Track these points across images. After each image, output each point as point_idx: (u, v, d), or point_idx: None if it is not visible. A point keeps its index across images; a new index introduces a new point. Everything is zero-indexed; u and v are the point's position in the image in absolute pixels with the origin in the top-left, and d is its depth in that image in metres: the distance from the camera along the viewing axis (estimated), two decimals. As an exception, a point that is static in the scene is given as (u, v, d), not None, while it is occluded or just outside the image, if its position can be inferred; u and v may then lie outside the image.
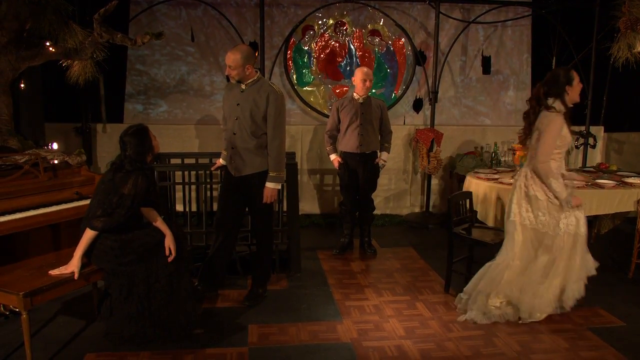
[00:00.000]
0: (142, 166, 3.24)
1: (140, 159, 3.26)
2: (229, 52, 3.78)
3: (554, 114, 3.61)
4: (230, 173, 3.97)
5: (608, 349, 3.40)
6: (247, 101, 3.82)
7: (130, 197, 3.14)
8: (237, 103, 3.84)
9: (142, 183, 3.18)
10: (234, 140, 3.87)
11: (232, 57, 3.74)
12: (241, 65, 3.75)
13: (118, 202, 3.13)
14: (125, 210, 3.14)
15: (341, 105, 5.02)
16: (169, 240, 3.27)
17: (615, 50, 5.53)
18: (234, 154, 3.89)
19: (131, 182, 3.14)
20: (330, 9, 6.32)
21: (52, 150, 4.15)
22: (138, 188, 3.16)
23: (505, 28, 6.69)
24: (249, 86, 3.85)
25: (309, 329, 3.64)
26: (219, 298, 4.12)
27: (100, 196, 3.19)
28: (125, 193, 3.13)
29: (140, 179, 3.17)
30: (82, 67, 4.78)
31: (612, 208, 4.64)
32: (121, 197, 3.13)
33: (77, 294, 4.06)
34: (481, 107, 6.84)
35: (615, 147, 6.90)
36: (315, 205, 6.43)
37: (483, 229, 4.42)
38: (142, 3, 6.04)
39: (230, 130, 3.89)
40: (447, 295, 4.26)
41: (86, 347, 3.34)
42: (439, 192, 6.69)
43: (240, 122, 3.83)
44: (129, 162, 3.22)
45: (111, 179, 3.18)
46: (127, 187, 3.14)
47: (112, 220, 3.13)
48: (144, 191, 3.19)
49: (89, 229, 3.14)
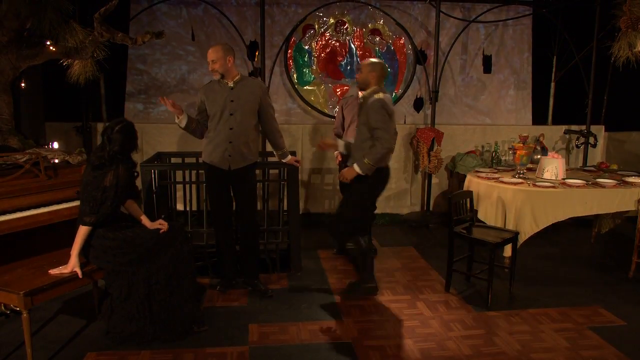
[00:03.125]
0: (122, 158, 3.25)
1: (124, 155, 3.28)
2: (209, 50, 3.93)
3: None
4: (220, 168, 4.01)
5: (608, 348, 3.40)
6: (241, 96, 3.95)
7: (112, 187, 3.17)
8: (231, 100, 3.93)
9: (123, 172, 3.21)
10: (231, 135, 3.95)
11: (212, 51, 3.90)
12: (222, 57, 3.88)
13: (102, 197, 3.16)
14: (110, 201, 3.18)
15: (345, 104, 5.00)
16: (154, 225, 3.38)
17: (616, 49, 5.52)
18: (232, 148, 3.96)
19: (111, 174, 3.18)
20: (331, 8, 6.32)
21: (53, 150, 4.16)
22: (120, 178, 3.20)
23: (506, 27, 6.69)
24: (237, 83, 3.97)
25: (310, 328, 3.64)
26: (219, 297, 4.13)
27: (85, 194, 3.21)
28: (107, 185, 3.16)
29: (120, 168, 3.20)
30: (83, 66, 4.78)
31: (613, 207, 4.64)
32: (104, 190, 3.16)
33: (78, 293, 4.06)
34: (482, 106, 6.83)
35: (615, 146, 6.90)
36: (316, 204, 6.43)
37: (484, 228, 4.42)
38: (143, 2, 6.04)
39: (225, 126, 3.95)
40: (448, 294, 4.26)
41: (87, 346, 3.34)
42: (439, 192, 6.68)
43: (237, 117, 3.94)
44: (110, 159, 3.22)
45: (92, 177, 3.20)
46: (107, 179, 3.17)
47: (99, 214, 3.17)
48: (126, 180, 3.23)
49: (81, 225, 3.18)
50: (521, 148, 4.97)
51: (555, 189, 4.57)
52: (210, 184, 4.16)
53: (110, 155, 3.21)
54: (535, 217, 4.53)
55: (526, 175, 4.95)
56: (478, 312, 3.94)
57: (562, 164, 4.93)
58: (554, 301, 4.13)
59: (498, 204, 4.65)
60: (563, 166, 4.95)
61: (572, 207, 4.57)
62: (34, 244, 3.64)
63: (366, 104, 3.96)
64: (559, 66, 6.70)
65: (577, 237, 5.88)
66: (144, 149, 5.86)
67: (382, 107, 3.88)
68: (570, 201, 4.56)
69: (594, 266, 4.93)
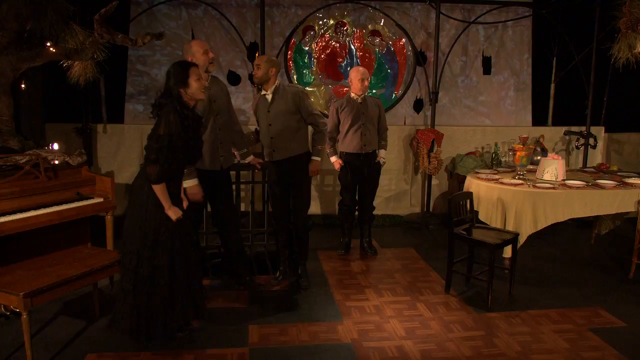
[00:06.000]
0: (174, 102, 3.12)
1: (176, 91, 3.14)
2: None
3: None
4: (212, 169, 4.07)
5: (608, 350, 3.40)
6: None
7: (166, 136, 3.05)
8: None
9: (175, 119, 3.07)
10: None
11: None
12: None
13: (158, 146, 3.05)
14: (166, 151, 3.05)
15: (340, 106, 4.99)
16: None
17: (616, 51, 5.52)
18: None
19: (163, 122, 3.07)
20: (331, 9, 6.33)
21: (53, 151, 4.16)
22: (171, 125, 3.06)
23: (505, 28, 6.69)
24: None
25: (310, 330, 3.64)
26: (219, 298, 4.12)
27: (147, 147, 3.14)
28: (162, 133, 3.06)
29: (171, 115, 3.08)
30: (83, 68, 4.78)
31: (613, 208, 4.65)
32: (159, 138, 3.06)
33: (78, 295, 4.06)
34: (482, 108, 6.84)
35: (615, 147, 6.91)
36: (315, 205, 6.43)
37: (484, 230, 4.42)
38: (143, 3, 6.05)
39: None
40: (448, 295, 4.26)
41: (87, 348, 3.34)
42: (439, 193, 6.68)
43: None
44: (164, 95, 3.15)
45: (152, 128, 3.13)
46: (161, 128, 3.06)
47: (162, 167, 3.06)
48: (179, 128, 3.08)
49: (153, 185, 3.11)
50: (521, 149, 4.98)
51: (555, 190, 4.58)
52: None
53: (166, 92, 3.14)
54: (535, 218, 4.54)
55: (526, 177, 4.96)
56: (478, 313, 3.94)
57: (562, 165, 4.93)
58: (554, 302, 4.13)
59: (498, 205, 4.66)
60: (563, 167, 4.95)
61: (572, 208, 4.58)
62: (34, 245, 3.65)
63: (288, 94, 4.20)
64: (558, 67, 6.69)
65: (577, 238, 5.88)
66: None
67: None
68: (570, 202, 4.56)
69: (594, 267, 4.93)
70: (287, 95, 4.20)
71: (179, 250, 3.23)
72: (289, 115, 4.20)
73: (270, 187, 4.39)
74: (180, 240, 3.24)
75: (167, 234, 3.18)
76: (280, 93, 4.20)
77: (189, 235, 3.35)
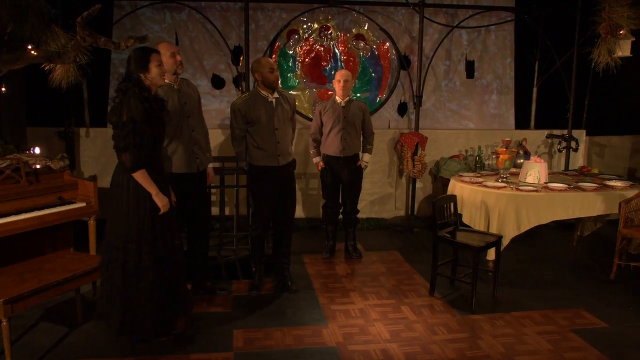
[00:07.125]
0: (134, 86, 3.11)
1: (136, 75, 3.14)
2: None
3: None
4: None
5: (591, 350, 3.44)
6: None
7: (130, 121, 3.03)
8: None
9: (135, 103, 3.06)
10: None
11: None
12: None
13: (124, 133, 3.04)
14: (133, 135, 3.03)
15: (324, 109, 5.03)
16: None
17: (596, 55, 5.61)
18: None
19: (125, 107, 3.06)
20: (315, 13, 6.34)
21: (34, 155, 4.11)
22: (133, 110, 3.05)
23: (488, 33, 6.76)
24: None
25: (295, 334, 3.63)
26: (204, 303, 4.10)
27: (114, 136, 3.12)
28: (125, 120, 3.04)
29: (132, 100, 3.07)
30: (65, 71, 4.72)
31: (594, 210, 4.71)
32: (123, 125, 3.04)
33: (60, 300, 4.01)
34: (465, 111, 6.89)
35: (597, 150, 7.00)
36: (300, 209, 6.42)
37: (467, 232, 4.44)
38: (126, 6, 6.00)
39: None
40: (432, 298, 4.28)
41: (70, 354, 3.30)
42: (423, 196, 6.72)
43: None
44: (125, 79, 3.14)
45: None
46: (124, 114, 3.04)
47: (133, 152, 3.05)
48: (141, 112, 3.06)
49: (132, 174, 3.10)
50: (504, 152, 5.02)
51: (537, 192, 4.63)
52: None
53: (126, 76, 3.15)
54: (519, 220, 4.58)
55: (509, 179, 5.00)
56: (462, 315, 3.96)
57: (544, 168, 4.98)
58: (537, 304, 4.17)
59: (482, 208, 4.69)
60: (545, 170, 5.00)
61: (555, 211, 4.63)
62: (15, 251, 3.60)
63: (288, 98, 4.30)
64: (541, 71, 6.77)
65: (559, 240, 5.94)
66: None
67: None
68: (552, 205, 4.61)
69: (576, 269, 4.99)
70: (288, 99, 4.30)
71: (163, 248, 3.22)
72: (289, 119, 4.30)
73: (268, 193, 4.26)
74: (163, 239, 3.23)
75: (150, 230, 3.17)
76: (282, 97, 4.26)
77: (172, 232, 3.33)
